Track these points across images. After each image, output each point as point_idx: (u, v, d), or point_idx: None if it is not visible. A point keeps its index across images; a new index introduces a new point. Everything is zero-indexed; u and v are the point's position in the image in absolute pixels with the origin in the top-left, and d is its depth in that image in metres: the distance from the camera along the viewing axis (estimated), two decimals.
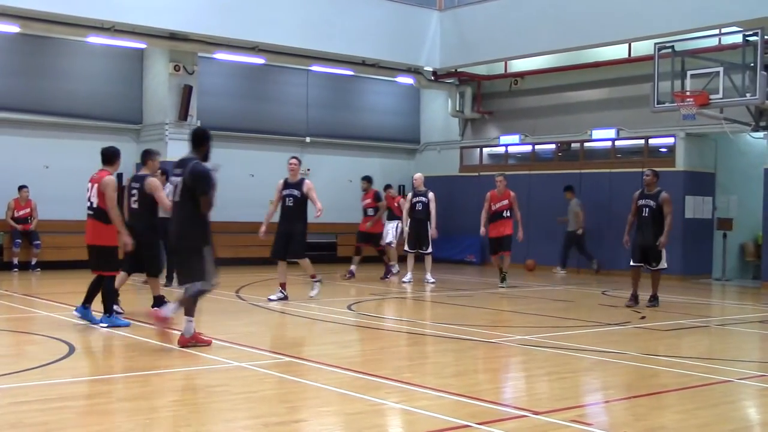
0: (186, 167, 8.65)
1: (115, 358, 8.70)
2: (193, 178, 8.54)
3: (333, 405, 6.61)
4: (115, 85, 20.23)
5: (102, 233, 10.09)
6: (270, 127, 22.21)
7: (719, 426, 6.10)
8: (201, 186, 8.52)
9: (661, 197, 13.09)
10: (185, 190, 8.59)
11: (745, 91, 14.65)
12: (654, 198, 13.10)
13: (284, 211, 13.10)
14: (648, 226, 13.09)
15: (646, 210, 13.14)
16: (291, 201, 13.02)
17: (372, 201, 17.77)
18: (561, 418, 6.09)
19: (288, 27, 19.11)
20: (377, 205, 17.71)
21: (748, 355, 9.83)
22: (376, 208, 17.73)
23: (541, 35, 19.28)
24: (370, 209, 17.77)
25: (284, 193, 13.09)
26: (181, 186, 8.62)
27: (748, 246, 19.93)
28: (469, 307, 13.35)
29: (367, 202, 17.86)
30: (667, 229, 12.98)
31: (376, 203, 17.73)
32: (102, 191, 9.99)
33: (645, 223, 13.15)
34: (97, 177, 10.16)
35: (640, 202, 13.25)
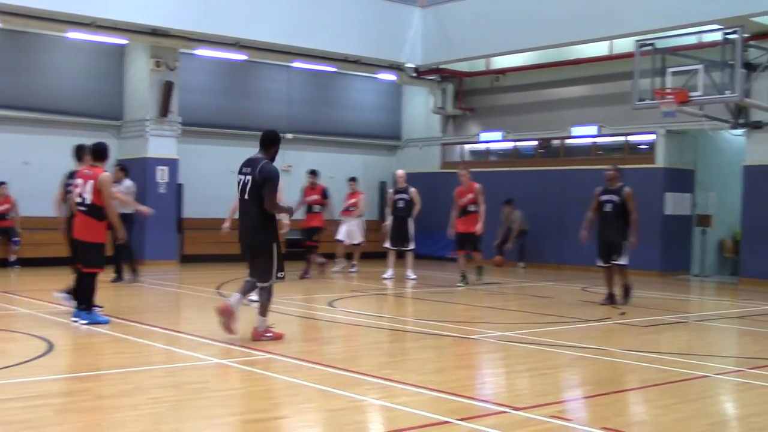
0: (255, 166, 8.90)
1: (95, 355, 8.66)
2: (262, 177, 8.82)
3: (313, 401, 6.61)
4: (96, 81, 20.12)
5: (92, 229, 10.04)
6: (251, 124, 22.10)
7: (698, 420, 6.15)
8: (268, 184, 8.81)
9: (625, 192, 12.78)
10: (254, 189, 8.85)
11: (725, 89, 14.74)
12: (617, 193, 12.80)
13: None
14: (611, 222, 12.78)
15: (609, 205, 12.80)
16: None
17: (320, 197, 16.79)
18: (541, 413, 6.12)
19: (270, 23, 19.07)
20: (325, 202, 16.80)
21: (726, 351, 9.91)
22: (322, 205, 16.81)
23: (523, 32, 19.33)
24: (317, 206, 16.78)
25: None
26: (251, 184, 8.87)
27: (727, 242, 20.06)
28: (449, 304, 13.38)
29: (313, 198, 16.82)
30: (634, 227, 12.74)
31: (324, 200, 16.80)
32: (99, 188, 9.93)
33: (608, 219, 12.82)
34: (91, 173, 10.08)
35: (602, 198, 12.93)
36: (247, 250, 9.20)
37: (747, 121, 17.58)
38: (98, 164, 10.20)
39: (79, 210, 10.12)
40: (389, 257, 17.16)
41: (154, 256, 19.40)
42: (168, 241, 19.85)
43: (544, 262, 20.85)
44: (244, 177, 8.97)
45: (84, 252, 10.13)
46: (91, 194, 9.96)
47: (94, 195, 9.95)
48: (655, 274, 18.86)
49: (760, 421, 6.16)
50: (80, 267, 10.20)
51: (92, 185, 9.97)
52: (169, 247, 19.87)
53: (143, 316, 10.91)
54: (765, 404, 6.74)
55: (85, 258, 10.13)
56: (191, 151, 20.55)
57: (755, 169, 17.74)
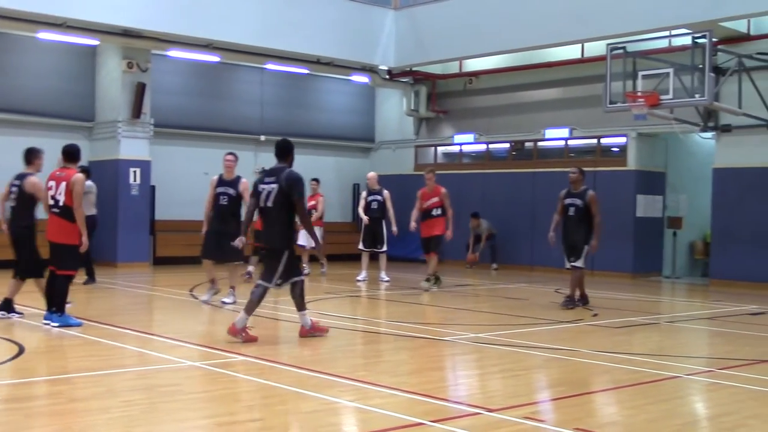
0: (279, 175, 9.35)
1: (66, 359, 8.59)
2: (288, 184, 9.25)
3: (287, 404, 6.60)
4: (67, 82, 19.96)
5: (67, 231, 9.97)
6: (224, 126, 22.08)
7: (669, 421, 6.21)
8: (296, 191, 9.26)
9: (588, 196, 12.77)
10: (280, 196, 9.26)
11: (695, 92, 14.87)
12: (580, 197, 12.79)
13: (217, 210, 12.45)
14: (574, 226, 12.76)
15: (573, 209, 12.76)
16: (225, 200, 12.40)
17: None
18: (514, 415, 6.15)
19: (243, 25, 19.01)
20: None
21: (697, 352, 10.01)
22: None
23: (496, 35, 19.41)
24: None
25: (218, 191, 12.48)
26: (276, 192, 9.27)
27: (697, 244, 20.27)
28: (423, 306, 13.40)
29: None
30: (596, 231, 12.67)
31: None
32: (71, 189, 9.87)
33: (571, 222, 12.81)
34: (65, 175, 10.01)
35: (566, 201, 12.91)
36: (267, 255, 9.61)
37: (716, 124, 17.77)
38: (70, 165, 10.15)
39: (52, 212, 10.05)
40: (363, 259, 17.15)
41: (127, 258, 19.28)
42: (140, 243, 19.73)
43: (517, 263, 20.94)
44: (268, 186, 9.36)
45: (58, 254, 10.04)
46: (64, 196, 9.90)
47: (67, 196, 9.89)
48: (627, 276, 19.01)
49: (730, 420, 6.23)
50: (53, 269, 10.12)
51: (65, 187, 9.90)
52: (141, 249, 19.74)
53: (116, 319, 10.84)
54: (735, 404, 6.81)
55: (59, 260, 10.05)
56: (164, 153, 20.44)
57: (724, 172, 17.93)
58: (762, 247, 17.29)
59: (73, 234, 10.01)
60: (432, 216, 15.37)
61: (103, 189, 19.06)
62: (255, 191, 9.53)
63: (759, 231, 17.33)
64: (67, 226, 9.96)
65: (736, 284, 17.24)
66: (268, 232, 9.47)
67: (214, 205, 12.52)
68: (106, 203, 19.14)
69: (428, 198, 15.46)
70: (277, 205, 9.29)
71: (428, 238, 15.43)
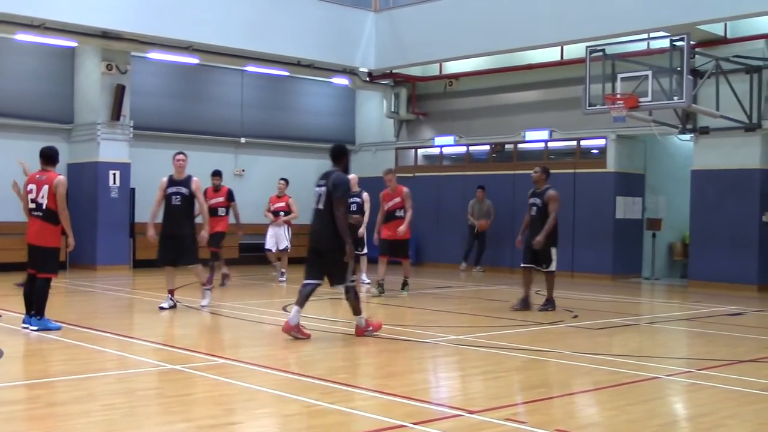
0: (329, 178, 9.79)
1: (45, 362, 8.54)
2: (334, 186, 9.68)
3: (268, 407, 6.59)
4: (46, 84, 19.83)
5: (48, 234, 9.90)
6: (204, 128, 22.01)
7: (649, 421, 6.24)
8: (338, 192, 9.66)
9: (547, 195, 12.61)
10: (328, 198, 9.67)
11: (673, 95, 14.97)
12: (541, 196, 12.66)
13: (170, 212, 12.09)
14: (535, 226, 12.59)
15: (534, 209, 12.69)
16: (178, 199, 12.03)
17: (224, 200, 15.80)
18: (495, 416, 6.17)
19: (222, 27, 18.96)
20: (230, 205, 15.84)
21: (676, 352, 10.07)
22: (227, 208, 15.84)
23: (476, 37, 19.46)
24: (221, 209, 15.71)
25: (170, 191, 12.09)
26: (325, 194, 9.69)
27: (676, 246, 20.40)
28: (403, 308, 13.41)
29: (217, 201, 15.68)
30: (546, 228, 12.37)
31: (229, 203, 15.83)
32: (53, 191, 9.80)
33: (533, 222, 12.68)
34: (45, 177, 9.94)
35: (529, 201, 12.88)
36: (314, 255, 9.84)
37: (694, 126, 17.90)
38: (50, 168, 10.09)
39: (33, 215, 9.98)
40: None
41: (106, 261, 19.18)
42: (120, 245, 19.63)
43: (497, 265, 20.99)
44: (319, 189, 9.82)
45: (39, 257, 9.97)
46: (46, 198, 9.84)
47: (49, 199, 9.83)
48: (606, 278, 19.10)
49: (709, 420, 6.27)
50: (33, 272, 10.05)
51: (47, 189, 9.85)
52: (121, 251, 19.65)
53: (95, 322, 10.78)
54: (713, 404, 6.86)
55: (40, 263, 9.98)
56: (143, 155, 20.34)
57: (702, 174, 18.05)
58: (740, 248, 17.43)
59: (55, 237, 9.95)
60: (396, 217, 14.83)
61: (82, 191, 19.02)
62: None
63: (737, 232, 17.47)
64: (49, 229, 9.90)
65: (715, 285, 17.36)
66: (320, 232, 9.78)
67: (166, 207, 12.17)
68: (86, 206, 19.06)
69: (390, 199, 15.00)
70: (326, 206, 9.68)
71: (390, 241, 14.77)
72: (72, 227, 10.13)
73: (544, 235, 12.39)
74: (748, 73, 16.97)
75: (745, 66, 16.89)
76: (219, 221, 15.45)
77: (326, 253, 9.72)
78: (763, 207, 17.37)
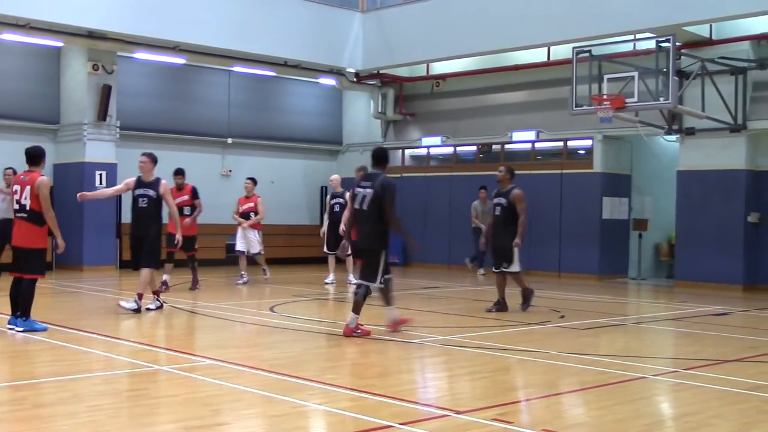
0: (375, 180, 10.04)
1: (31, 364, 8.50)
2: (383, 189, 9.92)
3: (255, 407, 6.58)
4: (32, 84, 19.75)
5: (33, 236, 9.85)
6: (191, 128, 21.96)
7: (635, 421, 6.26)
8: (388, 196, 9.93)
9: (513, 195, 12.47)
10: (374, 200, 9.95)
11: (659, 96, 15.03)
12: (505, 196, 12.53)
13: (136, 213, 12.02)
14: (500, 227, 12.52)
15: (498, 209, 12.57)
16: (144, 202, 11.90)
17: (189, 198, 15.14)
18: (483, 416, 6.18)
19: (209, 27, 18.93)
20: (194, 203, 15.15)
21: (662, 352, 10.11)
22: (192, 207, 15.13)
23: (463, 38, 19.49)
24: (187, 207, 15.01)
25: (137, 192, 11.99)
26: (371, 197, 9.96)
27: (662, 246, 20.48)
28: None
29: (182, 200, 15.00)
30: (520, 230, 12.33)
31: (193, 201, 15.16)
32: (36, 192, 9.75)
33: (497, 222, 12.61)
34: (29, 178, 9.89)
35: (493, 201, 12.77)
36: (361, 254, 10.36)
37: (680, 127, 17.98)
38: (34, 169, 10.03)
39: (18, 217, 9.93)
40: (329, 262, 17.08)
41: (93, 262, 19.12)
42: (106, 246, 19.57)
43: (485, 266, 20.99)
44: (364, 190, 10.08)
45: (24, 258, 9.92)
46: (29, 200, 9.79)
47: (32, 200, 9.78)
48: (593, 278, 19.16)
49: (695, 420, 6.30)
50: (19, 274, 10.00)
51: (29, 190, 9.79)
52: (107, 252, 19.59)
53: (82, 323, 10.74)
54: (699, 403, 6.89)
55: (25, 264, 9.93)
56: (130, 156, 20.09)
57: (688, 174, 18.14)
58: (725, 248, 17.52)
59: (41, 238, 9.90)
60: None
61: (68, 192, 18.88)
62: (352, 195, 10.32)
63: (722, 233, 17.56)
64: (34, 231, 9.85)
65: (701, 285, 17.44)
66: (364, 233, 10.09)
67: (133, 208, 12.11)
68: (72, 206, 18.96)
69: None
70: (371, 208, 9.97)
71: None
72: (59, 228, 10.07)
73: (521, 237, 12.37)
74: (733, 75, 17.07)
75: (731, 67, 16.99)
76: (185, 220, 14.64)
77: (366, 252, 10.10)
78: (748, 207, 17.48)
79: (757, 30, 17.29)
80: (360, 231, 10.22)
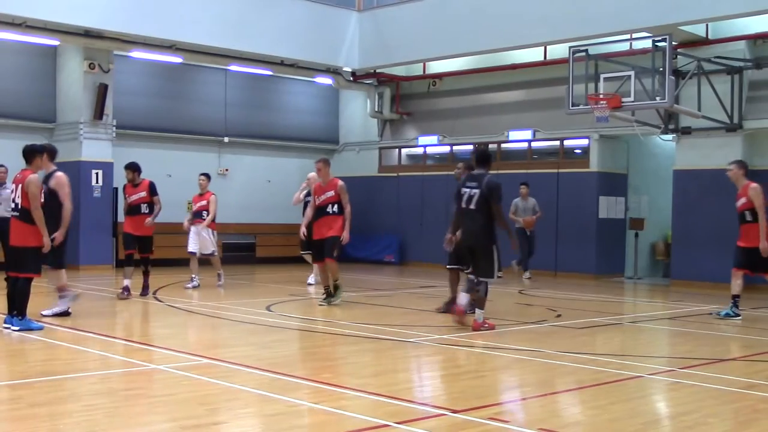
0: (481, 181, 10.49)
1: (27, 363, 8.49)
2: (489, 189, 10.36)
3: (252, 406, 6.58)
4: (28, 83, 19.74)
5: (27, 234, 9.84)
6: (188, 127, 21.96)
7: (631, 420, 6.27)
8: (495, 196, 10.38)
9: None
10: (481, 200, 10.39)
11: (655, 95, 15.04)
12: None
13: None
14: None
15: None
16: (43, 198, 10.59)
17: (146, 195, 13.72)
18: (479, 416, 6.18)
19: (206, 26, 18.92)
20: (152, 200, 13.72)
21: (658, 351, 10.12)
22: (150, 205, 13.72)
23: (460, 37, 19.50)
24: (144, 204, 13.69)
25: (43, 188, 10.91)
26: (478, 196, 10.40)
27: (659, 245, 20.50)
28: (387, 307, 13.42)
29: (139, 197, 13.70)
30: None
31: (151, 198, 13.74)
32: (25, 190, 9.75)
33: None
34: (21, 177, 9.90)
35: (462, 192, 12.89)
36: (468, 252, 10.71)
37: (677, 126, 18.01)
38: (28, 167, 10.05)
39: (12, 215, 9.94)
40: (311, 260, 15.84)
41: (89, 261, 19.10)
42: (103, 245, 19.55)
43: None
44: (470, 190, 10.52)
45: (18, 257, 9.91)
46: (21, 198, 9.80)
47: (23, 198, 9.79)
48: (590, 277, 19.18)
49: (690, 419, 6.31)
50: (14, 272, 9.99)
51: (21, 189, 9.81)
52: (104, 251, 19.57)
53: (78, 322, 10.73)
54: (695, 403, 6.90)
55: (20, 263, 9.92)
56: (126, 155, 20.13)
57: (684, 174, 18.16)
58: (721, 247, 17.48)
59: (35, 237, 9.89)
60: (327, 214, 12.87)
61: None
62: (458, 194, 10.66)
63: (718, 232, 17.54)
64: (27, 229, 9.84)
65: (697, 284, 17.46)
66: (472, 231, 10.49)
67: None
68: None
69: (322, 192, 12.98)
70: (479, 207, 10.39)
71: (321, 241, 12.94)
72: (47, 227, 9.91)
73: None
74: (729, 74, 17.09)
75: (727, 67, 17.01)
76: (142, 219, 13.55)
77: (478, 249, 10.48)
78: None
79: (753, 30, 17.31)
80: (467, 229, 10.58)
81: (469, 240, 10.62)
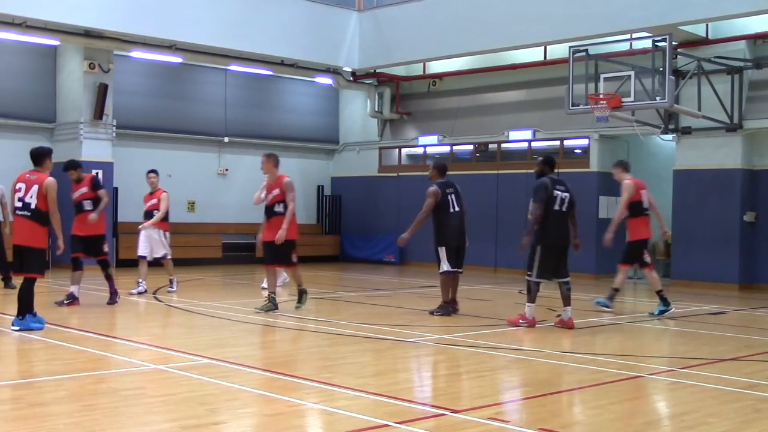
0: (565, 185, 11.25)
1: (27, 362, 8.50)
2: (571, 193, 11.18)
3: (252, 406, 6.58)
4: (28, 83, 19.75)
5: (36, 235, 9.85)
6: (188, 127, 21.97)
7: (631, 420, 6.27)
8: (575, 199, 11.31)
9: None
10: (571, 203, 11.15)
11: (655, 95, 15.04)
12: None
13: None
14: None
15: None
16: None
17: (89, 190, 12.59)
18: (479, 415, 6.18)
19: (206, 26, 18.92)
20: (97, 195, 12.56)
21: (658, 351, 10.12)
22: (95, 200, 12.54)
23: (460, 37, 19.50)
24: (86, 201, 12.57)
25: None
26: (568, 200, 11.11)
27: (659, 245, 20.47)
28: (387, 307, 13.42)
29: (82, 193, 12.63)
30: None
31: (95, 193, 12.58)
32: (45, 193, 9.75)
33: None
34: (35, 178, 9.88)
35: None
36: (559, 254, 11.15)
37: (677, 126, 18.01)
38: (39, 168, 10.05)
39: (20, 215, 9.91)
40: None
41: (90, 261, 19.03)
42: None
43: (481, 265, 21.01)
44: (561, 193, 11.07)
45: (25, 257, 9.90)
46: (35, 199, 9.79)
47: (39, 200, 9.78)
48: (590, 277, 19.17)
49: (691, 419, 6.31)
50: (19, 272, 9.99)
51: (37, 189, 9.79)
52: None
53: (78, 322, 10.74)
54: (695, 402, 6.90)
55: (28, 263, 9.91)
56: (126, 155, 20.28)
57: (685, 174, 18.16)
58: (721, 247, 17.54)
59: (43, 238, 9.90)
60: (275, 214, 11.98)
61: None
62: (550, 197, 10.98)
63: (718, 232, 17.58)
64: (38, 230, 9.85)
65: (697, 284, 17.47)
66: (564, 233, 11.10)
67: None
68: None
69: (269, 191, 12.11)
70: (568, 210, 11.08)
71: (272, 244, 11.98)
72: None
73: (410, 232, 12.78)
74: (729, 74, 17.10)
75: (727, 67, 17.01)
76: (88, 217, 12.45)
77: (564, 251, 11.18)
78: (744, 206, 17.50)
79: (753, 29, 17.32)
80: (561, 232, 11.08)
81: (564, 241, 11.16)
